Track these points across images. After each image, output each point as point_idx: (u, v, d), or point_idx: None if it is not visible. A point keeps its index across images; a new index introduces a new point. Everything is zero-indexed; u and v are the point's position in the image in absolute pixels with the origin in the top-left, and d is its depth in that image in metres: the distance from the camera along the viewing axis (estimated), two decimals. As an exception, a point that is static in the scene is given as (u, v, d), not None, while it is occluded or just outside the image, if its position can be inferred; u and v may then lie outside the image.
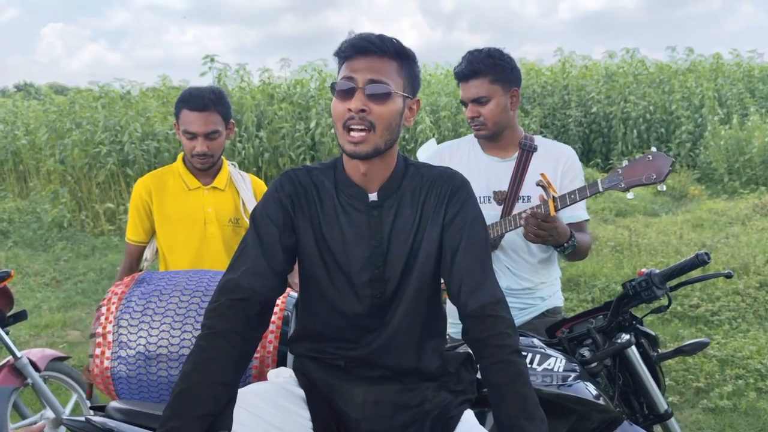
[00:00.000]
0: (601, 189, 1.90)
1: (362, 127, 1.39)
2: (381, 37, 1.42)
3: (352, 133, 1.39)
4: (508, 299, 2.08)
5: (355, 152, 1.40)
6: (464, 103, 2.11)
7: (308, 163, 8.59)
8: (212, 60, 8.86)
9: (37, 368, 2.63)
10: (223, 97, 2.25)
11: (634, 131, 10.99)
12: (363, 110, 1.38)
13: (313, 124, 8.78)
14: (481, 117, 2.07)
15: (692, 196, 8.78)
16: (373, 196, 1.48)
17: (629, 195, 1.91)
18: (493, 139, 2.13)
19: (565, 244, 1.97)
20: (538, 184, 1.93)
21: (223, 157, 2.37)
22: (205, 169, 2.30)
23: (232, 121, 2.31)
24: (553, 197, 1.90)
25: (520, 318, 2.14)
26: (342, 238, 1.46)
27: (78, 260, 6.81)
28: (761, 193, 8.51)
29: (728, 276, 1.85)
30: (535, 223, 1.90)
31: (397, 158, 1.51)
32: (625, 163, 1.92)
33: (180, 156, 2.35)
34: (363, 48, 1.41)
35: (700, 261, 1.75)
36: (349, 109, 1.39)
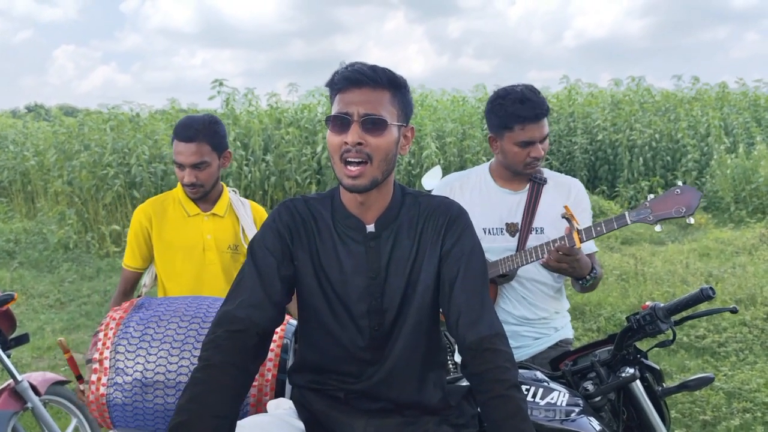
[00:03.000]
0: (629, 222, 1.91)
1: (359, 159, 1.38)
2: (374, 68, 1.41)
3: (349, 167, 1.39)
4: (523, 329, 2.11)
5: (354, 186, 1.40)
6: (530, 143, 2.01)
7: (314, 187, 8.67)
8: (221, 84, 8.96)
9: (37, 392, 2.61)
10: (214, 127, 2.21)
11: (640, 159, 10.99)
12: (360, 143, 1.38)
13: (319, 149, 8.84)
14: (543, 154, 2.05)
15: (699, 225, 8.74)
16: (370, 227, 1.47)
17: (657, 228, 1.93)
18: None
19: (588, 276, 1.96)
20: (563, 216, 1.93)
21: (223, 183, 2.36)
22: (197, 199, 2.28)
23: (228, 150, 2.28)
24: (578, 229, 1.90)
25: (534, 348, 2.14)
26: (340, 268, 1.45)
27: (83, 282, 6.81)
28: (768, 223, 8.48)
29: (733, 311, 1.84)
30: (558, 257, 1.90)
31: (395, 187, 1.50)
32: (651, 196, 1.93)
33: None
34: (356, 80, 1.40)
35: (704, 296, 1.74)
36: (345, 142, 1.38)
